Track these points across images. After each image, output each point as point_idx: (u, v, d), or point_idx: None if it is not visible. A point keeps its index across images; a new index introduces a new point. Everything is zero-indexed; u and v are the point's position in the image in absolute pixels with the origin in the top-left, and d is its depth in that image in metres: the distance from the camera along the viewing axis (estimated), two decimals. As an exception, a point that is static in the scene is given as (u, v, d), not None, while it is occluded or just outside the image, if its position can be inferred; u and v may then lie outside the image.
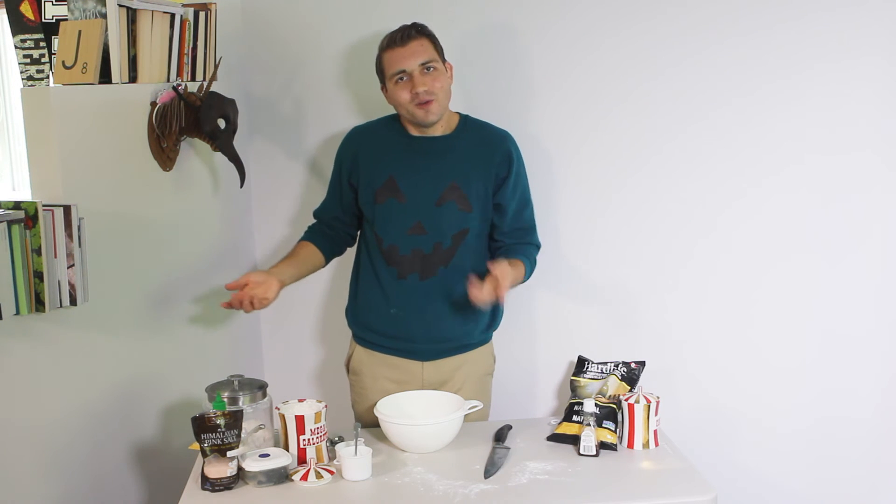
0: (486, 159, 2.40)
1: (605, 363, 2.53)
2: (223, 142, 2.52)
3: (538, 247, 2.52)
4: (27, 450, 2.07)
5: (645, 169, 2.67)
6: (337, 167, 2.52)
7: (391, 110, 2.46)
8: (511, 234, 2.47)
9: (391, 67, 2.31)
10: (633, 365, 2.50)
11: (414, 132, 2.41)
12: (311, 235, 2.55)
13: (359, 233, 2.58)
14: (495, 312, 2.52)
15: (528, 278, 2.46)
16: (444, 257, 2.39)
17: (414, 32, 2.31)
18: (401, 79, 2.31)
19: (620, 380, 2.42)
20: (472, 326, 2.47)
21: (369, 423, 2.43)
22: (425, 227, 2.38)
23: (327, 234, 2.55)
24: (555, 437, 2.29)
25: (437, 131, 2.41)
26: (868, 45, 2.48)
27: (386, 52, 2.33)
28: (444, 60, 2.37)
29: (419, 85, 2.28)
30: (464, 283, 2.31)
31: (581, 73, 2.67)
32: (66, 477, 2.18)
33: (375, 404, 2.29)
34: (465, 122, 2.45)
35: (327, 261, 2.54)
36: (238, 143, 2.61)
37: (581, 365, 2.57)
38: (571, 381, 2.52)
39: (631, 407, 2.23)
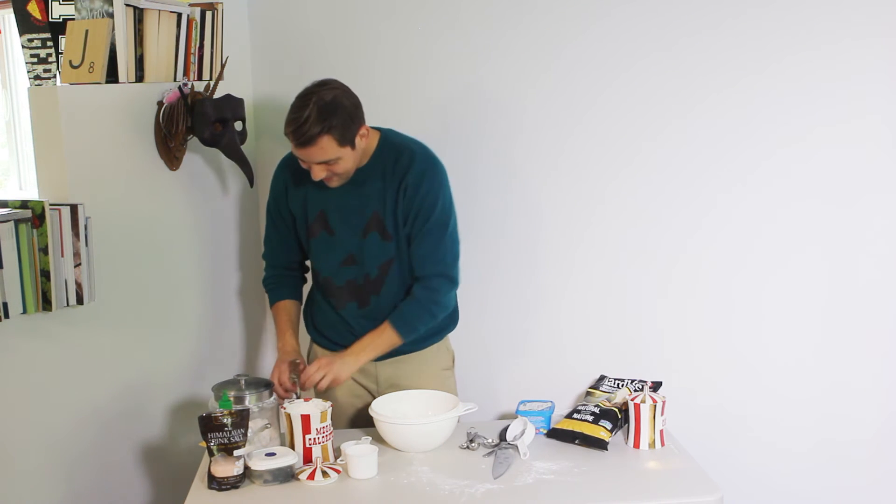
0: (394, 181, 2.28)
1: (623, 379, 2.60)
2: (227, 145, 2.52)
3: (447, 279, 2.35)
4: (34, 448, 2.08)
5: (651, 177, 2.65)
6: (275, 201, 2.42)
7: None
8: (416, 270, 2.34)
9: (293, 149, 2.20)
10: (649, 384, 2.55)
11: None
12: (284, 291, 2.46)
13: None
14: (451, 317, 2.48)
15: (409, 333, 2.34)
16: (374, 287, 2.36)
17: (315, 134, 2.10)
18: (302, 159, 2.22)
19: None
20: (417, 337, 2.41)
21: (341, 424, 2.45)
22: (356, 258, 2.35)
23: (292, 277, 2.50)
24: (554, 433, 2.30)
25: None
26: (875, 33, 2.45)
27: (288, 136, 2.17)
28: (353, 141, 2.17)
29: (317, 175, 2.20)
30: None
31: (583, 77, 2.67)
32: (73, 475, 2.19)
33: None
34: (384, 143, 2.31)
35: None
36: (244, 143, 2.61)
37: (601, 380, 2.66)
38: (588, 391, 2.59)
39: (637, 407, 2.23)
